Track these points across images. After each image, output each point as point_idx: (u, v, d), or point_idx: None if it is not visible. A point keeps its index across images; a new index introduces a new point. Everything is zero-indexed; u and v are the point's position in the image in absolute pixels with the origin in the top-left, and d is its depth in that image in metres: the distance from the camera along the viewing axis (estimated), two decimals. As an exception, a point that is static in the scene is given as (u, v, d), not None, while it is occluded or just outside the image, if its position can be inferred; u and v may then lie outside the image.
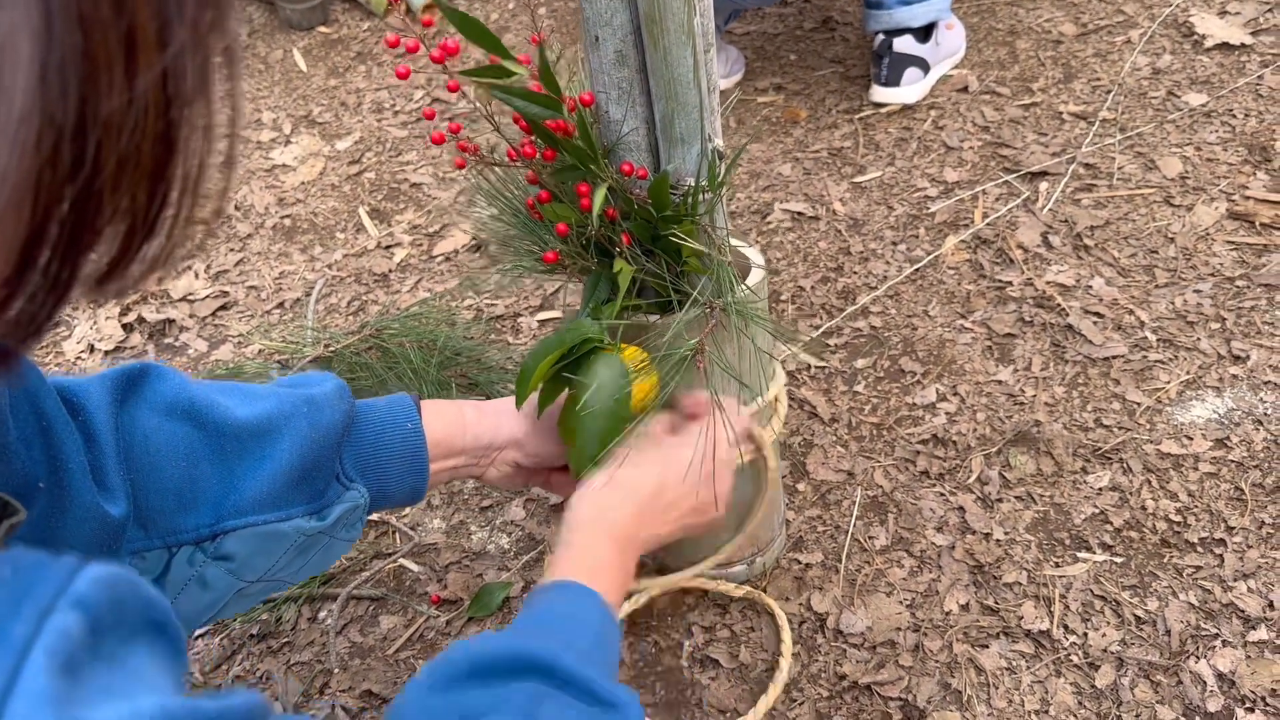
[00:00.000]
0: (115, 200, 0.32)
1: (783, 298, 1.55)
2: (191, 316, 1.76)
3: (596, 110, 0.78)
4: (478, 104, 0.74)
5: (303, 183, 2.02)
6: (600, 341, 0.78)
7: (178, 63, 0.31)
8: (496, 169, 0.80)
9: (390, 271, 1.76)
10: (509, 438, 0.91)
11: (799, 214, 1.70)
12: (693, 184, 0.77)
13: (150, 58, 0.30)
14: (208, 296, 1.79)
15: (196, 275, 1.84)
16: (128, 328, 1.76)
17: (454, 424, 0.89)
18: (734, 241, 0.94)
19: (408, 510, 1.35)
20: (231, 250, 1.88)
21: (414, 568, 1.28)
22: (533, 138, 0.76)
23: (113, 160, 0.30)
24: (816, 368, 1.43)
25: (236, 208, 1.98)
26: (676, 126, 0.74)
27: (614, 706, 0.67)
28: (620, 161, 0.79)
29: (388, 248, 1.82)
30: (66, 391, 0.69)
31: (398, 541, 1.32)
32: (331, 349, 1.42)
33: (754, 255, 0.95)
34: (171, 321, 1.76)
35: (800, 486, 1.29)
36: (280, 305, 1.75)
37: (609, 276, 0.80)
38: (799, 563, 1.20)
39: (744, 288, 0.83)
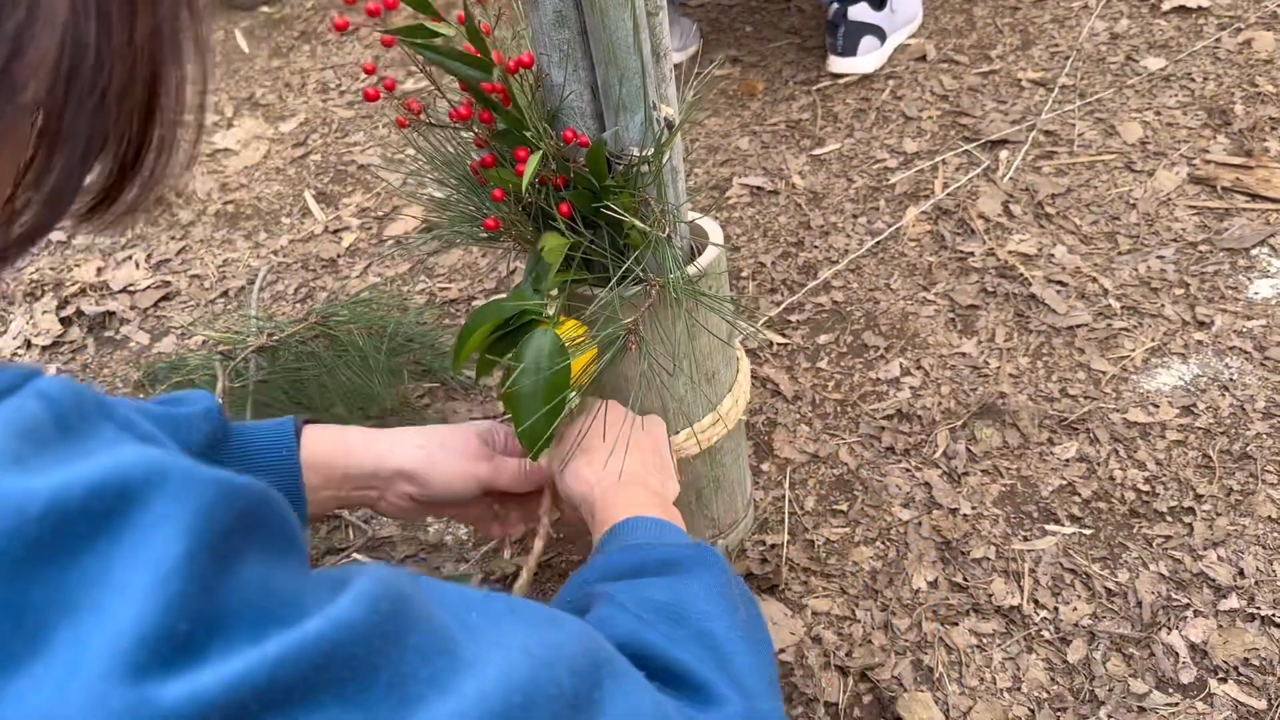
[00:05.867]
0: (118, 123, 0.40)
1: (743, 274, 1.52)
2: (132, 308, 1.70)
3: (538, 73, 0.73)
4: (414, 64, 0.70)
5: (246, 167, 1.95)
6: (538, 314, 0.75)
7: (166, 25, 0.40)
8: (439, 131, 0.76)
9: (338, 256, 1.70)
10: (396, 468, 0.86)
11: (758, 188, 1.67)
12: (637, 154, 0.73)
13: (146, 12, 0.39)
14: (149, 287, 1.73)
15: (137, 265, 1.78)
16: (66, 321, 1.69)
17: (335, 447, 0.86)
18: (693, 215, 0.90)
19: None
20: (173, 238, 1.81)
21: (368, 563, 1.23)
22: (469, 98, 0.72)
23: (119, 84, 0.39)
24: (779, 344, 1.40)
25: (177, 194, 1.90)
26: (617, 92, 0.69)
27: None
28: (564, 127, 0.74)
29: (335, 232, 1.76)
30: None
31: (351, 536, 1.27)
32: (276, 338, 1.36)
33: (714, 231, 0.90)
34: (111, 314, 1.69)
35: (765, 466, 1.26)
36: (224, 294, 1.68)
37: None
38: (764, 544, 1.17)
39: (683, 267, 0.80)
